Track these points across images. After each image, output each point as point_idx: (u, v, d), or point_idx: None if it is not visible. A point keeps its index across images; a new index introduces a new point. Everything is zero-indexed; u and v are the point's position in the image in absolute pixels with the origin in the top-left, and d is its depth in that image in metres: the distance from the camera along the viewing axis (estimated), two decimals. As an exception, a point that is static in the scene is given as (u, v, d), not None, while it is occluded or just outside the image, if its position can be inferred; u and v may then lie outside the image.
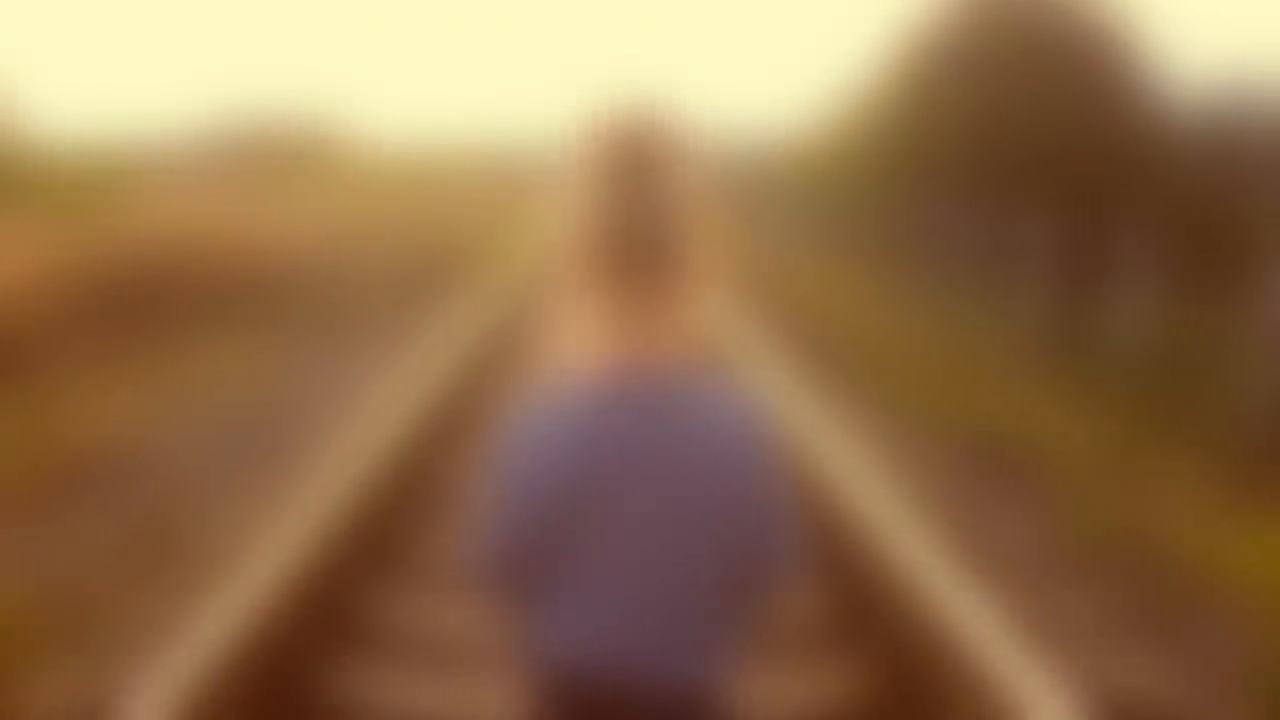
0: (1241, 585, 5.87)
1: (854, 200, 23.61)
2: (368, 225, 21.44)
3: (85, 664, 4.71)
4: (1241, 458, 8.09)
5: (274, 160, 29.66)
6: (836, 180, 25.28)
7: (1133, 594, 5.80)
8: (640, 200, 1.89)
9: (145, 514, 6.75)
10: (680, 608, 1.89)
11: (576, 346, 1.92)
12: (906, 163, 20.37)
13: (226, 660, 3.81)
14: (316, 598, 4.79)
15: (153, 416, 9.25)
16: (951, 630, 4.05)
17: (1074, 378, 11.05)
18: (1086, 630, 5.31)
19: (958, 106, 18.70)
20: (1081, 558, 6.30)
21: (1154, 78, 17.08)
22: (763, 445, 1.92)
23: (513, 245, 23.76)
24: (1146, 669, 4.97)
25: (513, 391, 8.90)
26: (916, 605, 4.39)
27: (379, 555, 6.01)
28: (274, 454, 8.08)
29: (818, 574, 5.56)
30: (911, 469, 7.75)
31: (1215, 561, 6.14)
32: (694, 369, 1.92)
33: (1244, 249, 12.46)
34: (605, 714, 1.87)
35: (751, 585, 1.94)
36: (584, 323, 1.91)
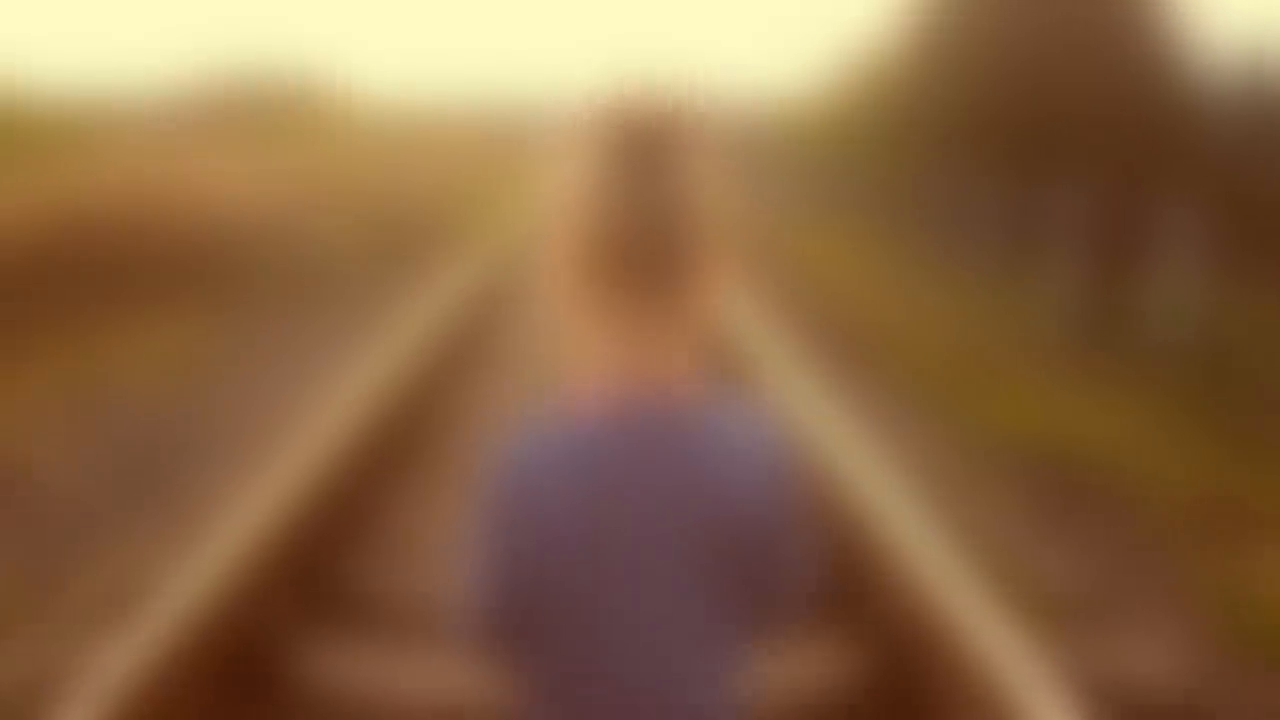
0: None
1: (865, 170, 22.44)
2: (349, 188, 20.27)
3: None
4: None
5: (259, 117, 28.94)
6: (845, 148, 24.08)
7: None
8: (649, 190, 1.68)
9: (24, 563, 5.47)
10: (693, 666, 1.74)
11: (572, 364, 1.74)
12: (921, 129, 19.21)
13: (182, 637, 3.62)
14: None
15: (48, 419, 7.94)
16: (1002, 685, 3.56)
17: (1119, 373, 9.72)
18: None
19: (979, 66, 17.54)
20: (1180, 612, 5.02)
21: (1193, 38, 15.88)
22: (788, 482, 1.76)
23: (506, 215, 22.62)
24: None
25: (494, 407, 8.07)
26: (962, 655, 3.84)
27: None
28: (182, 476, 6.77)
29: (847, 622, 4.81)
30: (946, 494, 6.43)
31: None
32: (709, 390, 1.75)
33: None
34: None
35: (770, 624, 1.81)
36: (581, 336, 1.73)
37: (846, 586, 4.94)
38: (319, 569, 5.02)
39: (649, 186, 1.69)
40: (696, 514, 1.72)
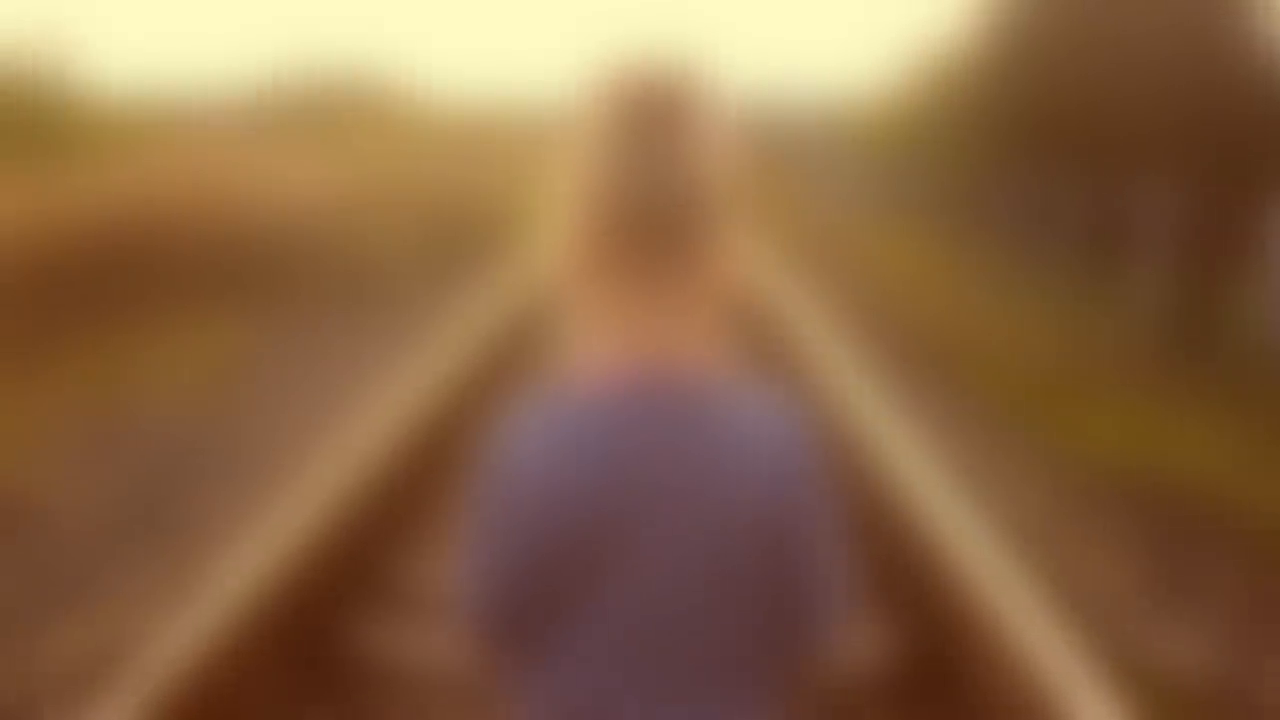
0: None
1: (936, 171, 21.80)
2: (410, 189, 19.87)
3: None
4: None
5: (324, 117, 28.91)
6: (916, 148, 23.44)
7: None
8: (660, 165, 1.62)
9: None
10: (707, 666, 1.63)
11: (582, 344, 1.65)
12: (995, 128, 18.57)
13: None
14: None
15: (69, 432, 7.50)
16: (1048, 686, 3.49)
17: (1220, 388, 9.04)
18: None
19: (1054, 63, 16.88)
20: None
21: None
22: (809, 466, 1.64)
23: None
24: None
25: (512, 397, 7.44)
26: (1009, 660, 3.74)
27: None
28: (198, 508, 6.30)
29: (888, 621, 4.74)
30: (1034, 534, 5.81)
31: None
32: (723, 372, 1.66)
33: None
34: None
35: (793, 630, 1.66)
36: (591, 315, 1.64)
37: (902, 615, 4.40)
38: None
39: (658, 156, 1.63)
40: (707, 498, 1.61)
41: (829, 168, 28.14)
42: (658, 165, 1.63)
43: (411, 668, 4.34)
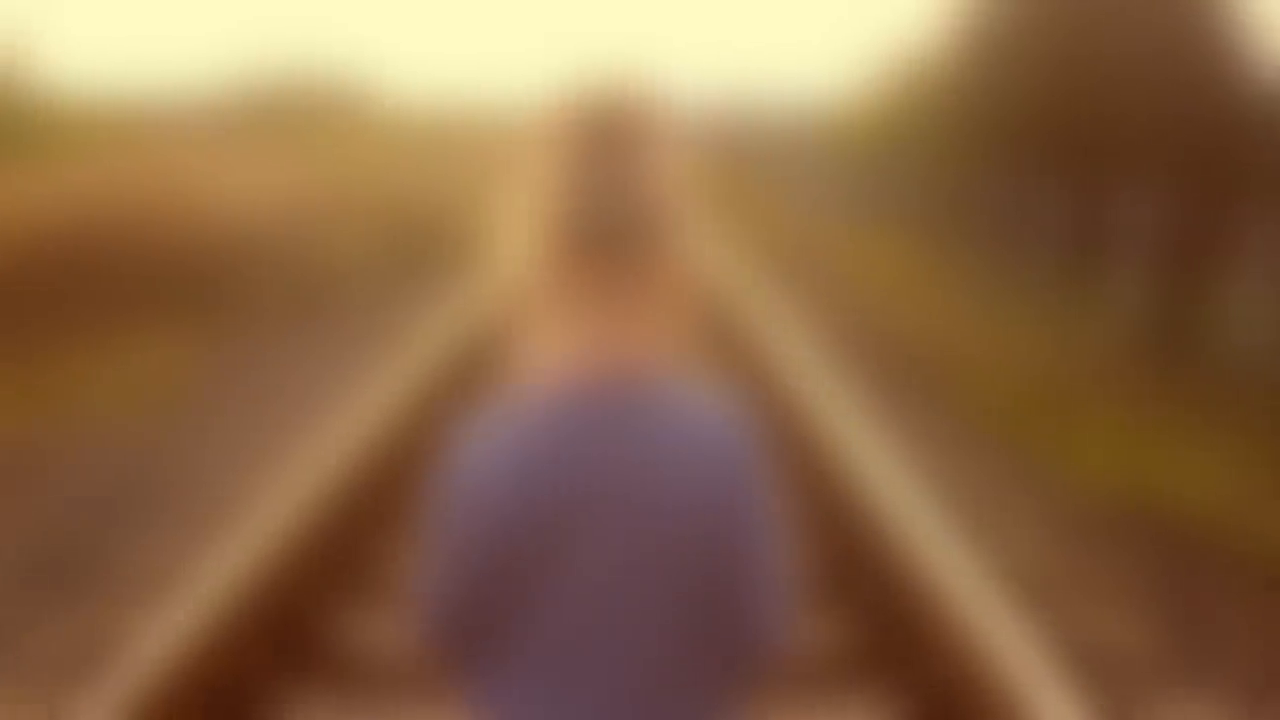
0: None
1: (912, 177, 21.50)
2: (373, 193, 19.43)
3: None
4: None
5: (288, 119, 28.67)
6: (891, 153, 23.14)
7: None
8: (614, 179, 1.68)
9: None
10: (654, 669, 1.64)
11: (538, 354, 1.70)
12: (977, 130, 18.28)
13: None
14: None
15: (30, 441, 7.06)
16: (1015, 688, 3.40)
17: (1207, 402, 8.66)
18: None
19: (1033, 65, 16.60)
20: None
21: (1267, 36, 14.88)
22: (748, 464, 1.67)
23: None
24: None
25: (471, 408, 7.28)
26: (968, 644, 3.68)
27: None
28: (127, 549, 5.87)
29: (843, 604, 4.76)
30: (1019, 561, 5.41)
31: None
32: (674, 377, 1.69)
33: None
34: None
35: (734, 638, 1.67)
36: (547, 325, 1.68)
37: (887, 639, 4.04)
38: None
39: (615, 174, 1.68)
40: (644, 500, 1.63)
41: (805, 173, 27.82)
42: (614, 183, 1.67)
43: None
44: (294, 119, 28.70)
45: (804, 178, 27.55)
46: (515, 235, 1.72)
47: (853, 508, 5.24)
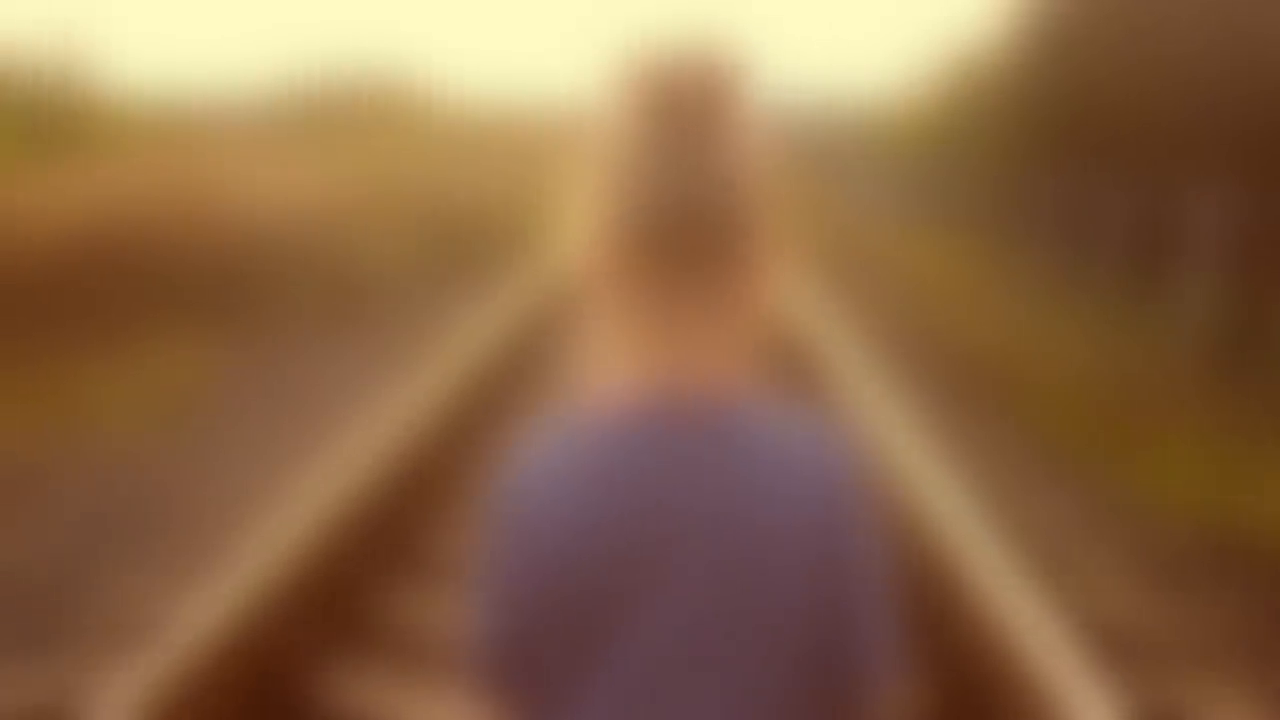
0: None
1: (969, 176, 21.12)
2: (421, 192, 19.23)
3: None
4: None
5: (339, 117, 28.78)
6: (949, 151, 22.76)
7: None
8: (692, 167, 1.46)
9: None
10: (738, 711, 1.46)
11: (603, 365, 1.53)
12: (1034, 127, 17.90)
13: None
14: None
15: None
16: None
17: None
18: None
19: (1097, 59, 16.19)
20: None
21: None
22: (853, 498, 1.49)
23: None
24: None
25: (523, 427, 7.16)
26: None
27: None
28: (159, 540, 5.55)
29: (926, 667, 4.38)
30: (1083, 590, 4.99)
31: None
32: (757, 395, 1.51)
33: None
34: None
35: (837, 685, 1.50)
36: (613, 332, 1.51)
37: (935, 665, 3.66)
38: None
39: (689, 156, 1.47)
40: (743, 525, 1.46)
41: (860, 173, 27.44)
42: (689, 167, 1.47)
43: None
44: (343, 118, 28.75)
45: (861, 177, 27.18)
46: (574, 234, 1.56)
47: (923, 552, 4.88)
